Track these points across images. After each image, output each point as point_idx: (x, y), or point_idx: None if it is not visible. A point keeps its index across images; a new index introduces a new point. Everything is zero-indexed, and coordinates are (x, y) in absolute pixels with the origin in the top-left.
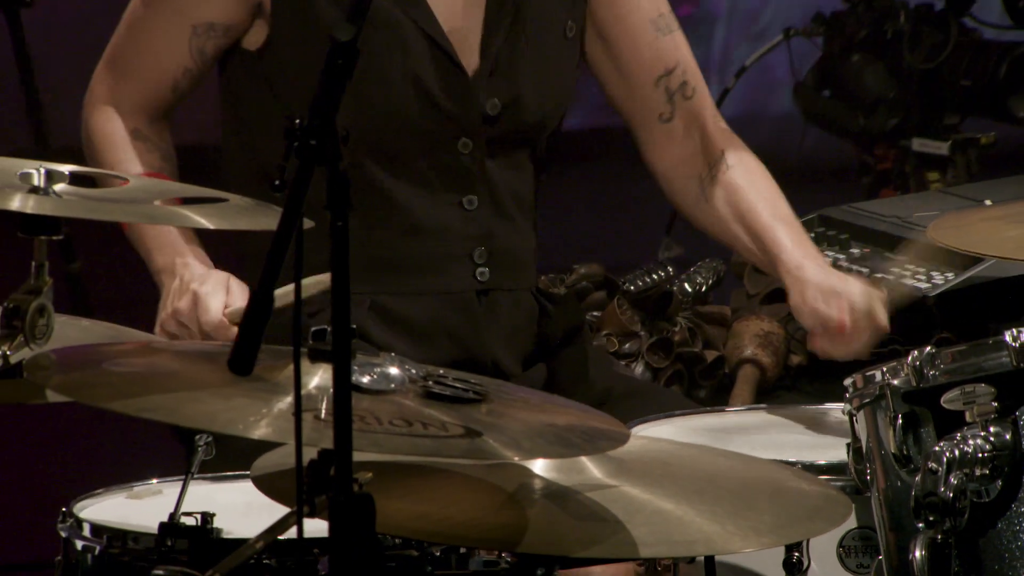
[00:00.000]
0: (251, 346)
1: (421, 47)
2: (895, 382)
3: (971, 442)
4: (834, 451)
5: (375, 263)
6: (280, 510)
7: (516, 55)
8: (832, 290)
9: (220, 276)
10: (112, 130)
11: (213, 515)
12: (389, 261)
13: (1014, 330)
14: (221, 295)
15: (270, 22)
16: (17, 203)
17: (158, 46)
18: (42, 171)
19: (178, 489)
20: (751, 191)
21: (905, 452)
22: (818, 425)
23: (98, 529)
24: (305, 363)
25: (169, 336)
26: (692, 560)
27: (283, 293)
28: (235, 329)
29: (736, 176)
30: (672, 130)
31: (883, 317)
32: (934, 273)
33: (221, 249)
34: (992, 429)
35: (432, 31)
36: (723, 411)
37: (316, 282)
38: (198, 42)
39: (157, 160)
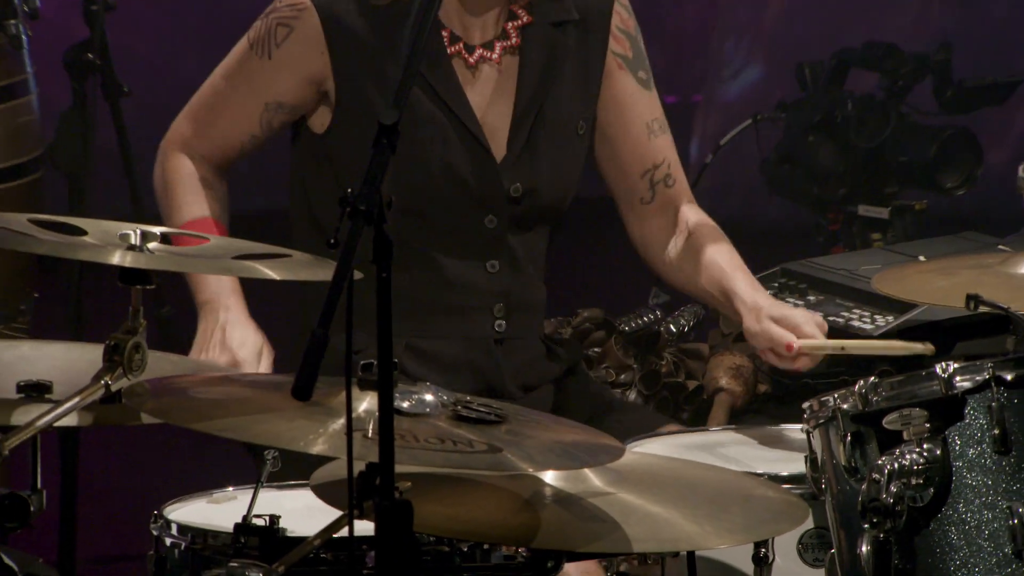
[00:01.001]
0: (310, 376)
1: (458, 137)
2: (844, 406)
3: (908, 456)
4: (794, 464)
5: (411, 311)
6: (334, 513)
7: (536, 146)
8: (781, 316)
9: (256, 343)
10: (184, 172)
11: (279, 517)
12: (423, 309)
13: (943, 364)
14: (254, 365)
15: (334, 110)
16: (117, 258)
17: (233, 115)
18: (138, 232)
19: (250, 495)
20: (711, 249)
21: (853, 464)
22: (780, 442)
23: (183, 528)
24: (355, 391)
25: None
26: (676, 554)
27: None
28: None
29: (700, 240)
30: (649, 210)
31: (818, 356)
32: (877, 316)
33: (285, 295)
34: (925, 446)
35: (469, 123)
36: (702, 431)
37: None
38: (267, 116)
39: (217, 206)
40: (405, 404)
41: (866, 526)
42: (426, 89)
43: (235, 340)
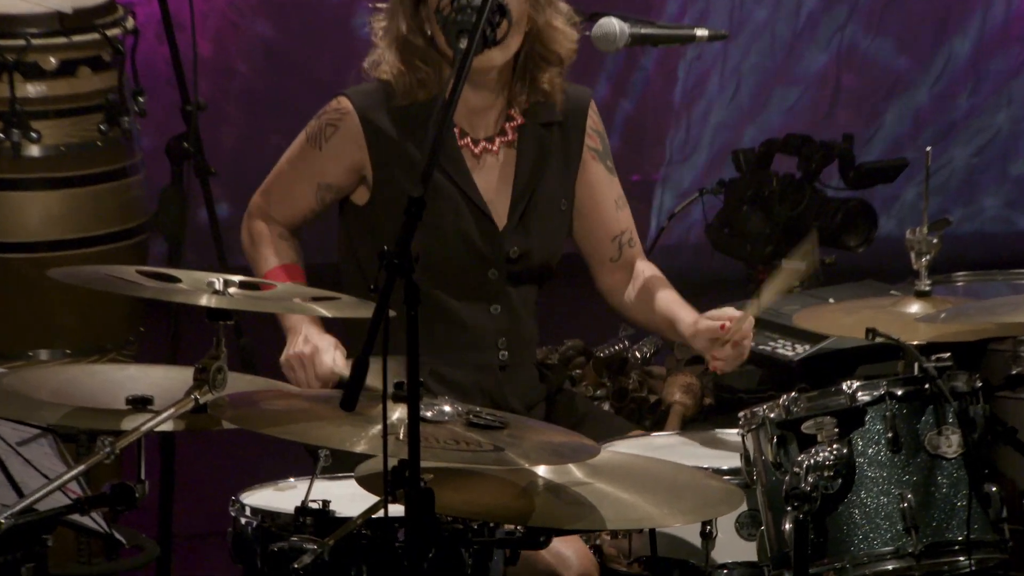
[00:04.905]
0: (355, 392)
1: (468, 210)
2: (772, 415)
3: (821, 454)
4: (732, 460)
5: (434, 345)
6: (372, 499)
7: (529, 219)
8: (709, 315)
9: (332, 340)
10: (264, 231)
11: (329, 502)
12: (443, 344)
13: (848, 382)
14: (332, 355)
15: (371, 189)
16: (204, 300)
17: (295, 193)
18: (221, 280)
19: (307, 485)
20: (659, 292)
21: (778, 461)
22: (721, 443)
23: (255, 510)
24: (390, 403)
25: (287, 372)
26: (641, 531)
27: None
28: (332, 382)
29: (651, 286)
30: (616, 266)
31: (750, 326)
32: (797, 345)
33: (334, 329)
34: (834, 446)
35: (476, 200)
36: (661, 435)
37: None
38: (320, 194)
39: (293, 255)
40: (428, 413)
41: (789, 509)
42: (443, 172)
43: (315, 337)
